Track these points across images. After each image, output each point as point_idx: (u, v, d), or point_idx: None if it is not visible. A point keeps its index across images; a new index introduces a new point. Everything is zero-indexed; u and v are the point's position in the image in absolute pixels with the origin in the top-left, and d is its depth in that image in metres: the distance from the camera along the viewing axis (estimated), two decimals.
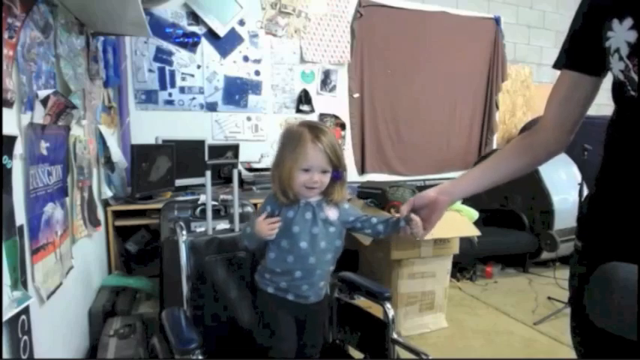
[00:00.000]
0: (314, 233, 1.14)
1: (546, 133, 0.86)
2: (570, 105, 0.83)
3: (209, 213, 1.47)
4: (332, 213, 1.18)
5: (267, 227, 1.12)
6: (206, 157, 2.90)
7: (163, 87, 3.09)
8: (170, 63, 3.10)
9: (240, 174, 2.92)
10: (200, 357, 1.00)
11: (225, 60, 3.24)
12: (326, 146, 1.09)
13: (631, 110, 0.69)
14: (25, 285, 1.17)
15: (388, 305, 1.29)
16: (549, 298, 2.87)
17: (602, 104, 0.77)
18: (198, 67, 3.17)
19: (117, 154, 2.41)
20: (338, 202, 1.19)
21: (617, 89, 0.71)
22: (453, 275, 3.10)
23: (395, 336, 1.27)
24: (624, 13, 0.67)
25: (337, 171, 1.14)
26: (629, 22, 0.66)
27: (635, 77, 0.66)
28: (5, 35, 1.12)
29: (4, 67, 1.08)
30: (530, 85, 4.45)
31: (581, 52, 0.79)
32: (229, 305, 1.35)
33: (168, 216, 1.97)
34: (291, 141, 1.12)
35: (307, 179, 1.10)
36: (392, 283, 2.32)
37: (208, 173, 1.43)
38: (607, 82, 0.75)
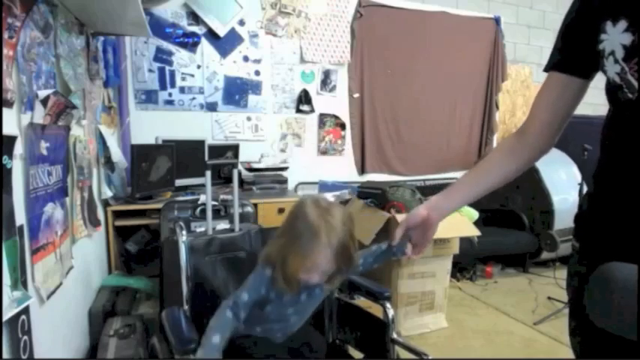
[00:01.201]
0: (306, 307, 1.14)
1: (536, 136, 0.86)
2: (560, 107, 0.82)
3: (209, 213, 1.48)
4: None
5: None
6: (206, 157, 2.90)
7: (163, 87, 3.09)
8: (170, 63, 3.10)
9: (240, 174, 2.93)
10: None
11: (225, 60, 3.24)
12: (337, 251, 0.99)
13: (629, 112, 0.69)
14: (25, 285, 1.17)
15: (388, 305, 1.29)
16: (549, 298, 2.87)
17: (600, 104, 0.77)
18: (198, 67, 3.17)
19: (117, 154, 2.41)
20: (333, 287, 1.15)
21: (613, 91, 0.71)
22: (453, 275, 3.10)
23: (395, 336, 1.27)
24: (617, 15, 0.67)
25: (345, 267, 1.05)
26: (623, 24, 0.66)
27: (632, 80, 0.66)
28: (5, 35, 1.12)
29: (4, 67, 1.08)
30: (530, 85, 4.45)
31: (572, 55, 0.78)
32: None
33: (168, 216, 1.97)
34: (303, 234, 0.99)
35: (308, 277, 1.02)
36: (392, 283, 2.32)
37: (208, 173, 1.43)
38: (601, 82, 0.75)
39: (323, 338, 1.30)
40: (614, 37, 0.67)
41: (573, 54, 0.78)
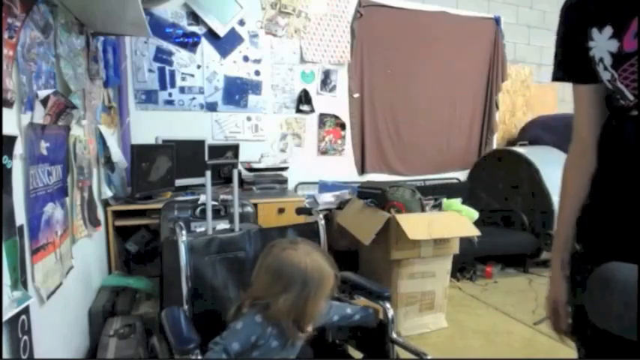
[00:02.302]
0: (289, 355, 1.15)
1: (591, 154, 0.81)
2: (596, 114, 0.78)
3: (209, 213, 1.48)
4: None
5: None
6: (206, 157, 2.90)
7: (163, 87, 3.10)
8: (170, 63, 3.10)
9: (240, 174, 2.93)
10: (200, 357, 1.00)
11: (225, 60, 3.24)
12: (335, 270, 1.12)
13: (621, 118, 0.69)
14: (25, 285, 1.17)
15: (388, 305, 1.29)
16: None
17: None
18: (198, 67, 3.17)
19: (117, 154, 2.41)
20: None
21: (608, 98, 0.71)
22: (453, 275, 3.09)
23: (394, 336, 1.27)
24: (602, 21, 0.66)
25: None
26: (608, 30, 0.66)
27: (622, 87, 0.66)
28: (5, 35, 1.12)
29: (4, 67, 1.09)
30: (530, 85, 4.45)
31: (571, 64, 0.78)
32: (229, 305, 1.35)
33: (168, 216, 1.97)
34: (313, 278, 1.05)
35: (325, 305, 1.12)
36: (392, 283, 2.32)
37: (208, 173, 1.43)
38: None
39: (311, 350, 1.29)
40: (602, 44, 0.67)
41: (572, 63, 0.78)
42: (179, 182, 2.76)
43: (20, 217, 1.17)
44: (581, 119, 0.81)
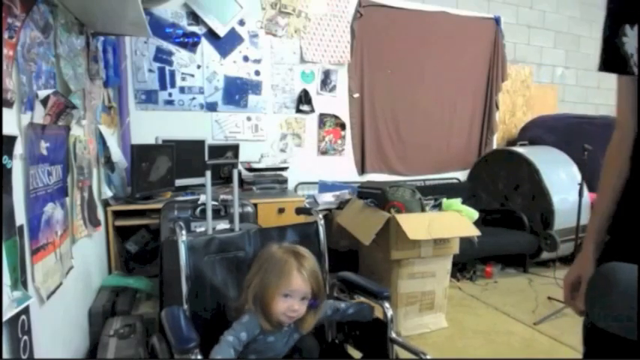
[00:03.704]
0: (285, 353, 1.18)
1: (629, 138, 0.81)
2: (635, 105, 0.80)
3: (209, 213, 1.48)
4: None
5: None
6: (206, 157, 2.90)
7: (163, 87, 3.10)
8: (170, 63, 3.10)
9: (240, 174, 2.93)
10: (199, 356, 1.00)
11: (225, 60, 3.25)
12: (309, 274, 1.14)
13: None
14: (25, 285, 1.17)
15: (387, 305, 1.29)
16: (549, 298, 2.87)
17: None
18: (198, 67, 3.17)
19: (117, 154, 2.41)
20: (306, 330, 1.20)
21: None
22: (453, 275, 3.10)
23: (394, 335, 1.27)
24: (635, 19, 0.67)
25: (315, 299, 1.17)
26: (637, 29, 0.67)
27: None
28: (5, 35, 1.12)
29: (4, 67, 1.09)
30: (530, 85, 4.45)
31: (612, 55, 0.78)
32: (229, 305, 1.35)
33: (168, 216, 1.97)
34: (275, 266, 1.15)
35: (288, 306, 1.12)
36: (392, 283, 2.32)
37: (208, 173, 1.43)
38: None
39: (316, 341, 1.30)
40: (633, 40, 0.68)
41: (612, 54, 0.78)
42: (179, 182, 2.76)
43: (20, 217, 1.17)
44: (622, 108, 0.83)
